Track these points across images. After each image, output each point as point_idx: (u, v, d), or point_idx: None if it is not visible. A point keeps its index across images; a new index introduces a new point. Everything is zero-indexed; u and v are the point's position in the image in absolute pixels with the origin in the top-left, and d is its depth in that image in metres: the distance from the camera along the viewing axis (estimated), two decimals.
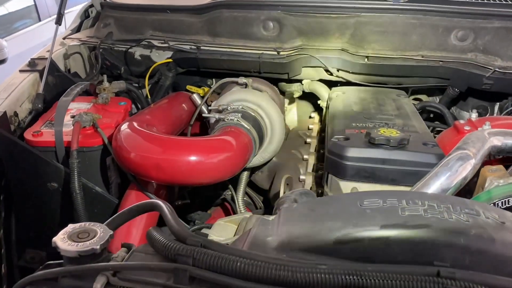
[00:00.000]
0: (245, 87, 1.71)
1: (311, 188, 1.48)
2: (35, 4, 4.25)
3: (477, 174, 1.03)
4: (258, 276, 0.65)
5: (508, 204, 0.91)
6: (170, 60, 1.97)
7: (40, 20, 4.30)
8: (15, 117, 1.52)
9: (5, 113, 1.44)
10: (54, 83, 1.77)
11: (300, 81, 1.98)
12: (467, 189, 1.03)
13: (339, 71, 1.86)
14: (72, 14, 2.41)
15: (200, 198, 1.80)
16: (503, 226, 0.72)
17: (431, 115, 1.87)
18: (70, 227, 0.78)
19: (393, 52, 1.77)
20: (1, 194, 1.46)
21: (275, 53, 1.83)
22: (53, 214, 1.47)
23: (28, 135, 1.46)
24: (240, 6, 1.87)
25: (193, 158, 1.25)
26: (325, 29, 1.81)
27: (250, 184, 1.79)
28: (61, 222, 1.45)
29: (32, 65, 1.78)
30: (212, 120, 1.59)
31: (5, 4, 4.10)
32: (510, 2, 1.78)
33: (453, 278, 0.65)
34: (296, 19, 1.82)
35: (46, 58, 1.76)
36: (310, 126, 1.98)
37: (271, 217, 0.91)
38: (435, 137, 1.47)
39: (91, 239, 0.75)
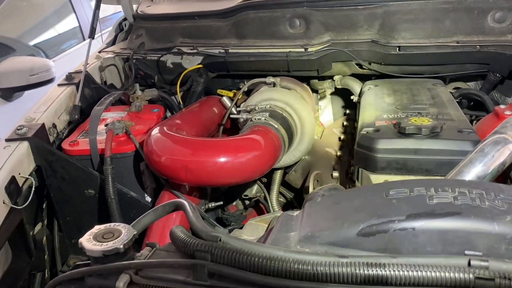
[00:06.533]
0: (273, 86, 1.69)
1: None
2: (79, 25, 4.46)
3: None
4: (277, 270, 0.64)
5: None
6: (200, 65, 1.99)
7: (84, 40, 4.50)
8: (54, 129, 1.58)
9: (43, 125, 1.51)
10: (90, 95, 1.84)
11: (331, 77, 1.94)
12: (507, 176, 0.96)
13: (371, 63, 1.80)
14: None
15: (235, 200, 1.80)
16: None
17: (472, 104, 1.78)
18: (96, 228, 0.80)
19: (425, 40, 1.70)
20: (43, 203, 1.52)
21: (303, 50, 1.80)
22: (92, 220, 1.51)
23: (65, 145, 1.52)
24: (265, 6, 1.86)
25: (220, 158, 1.25)
26: (353, 22, 1.77)
27: (285, 184, 1.76)
28: None
29: (69, 78, 1.86)
30: (241, 121, 1.59)
31: (55, 26, 4.32)
32: None
33: (486, 267, 0.60)
34: (322, 14, 1.79)
35: (82, 72, 1.83)
36: (345, 123, 1.94)
37: (295, 213, 0.89)
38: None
39: (115, 239, 0.76)
